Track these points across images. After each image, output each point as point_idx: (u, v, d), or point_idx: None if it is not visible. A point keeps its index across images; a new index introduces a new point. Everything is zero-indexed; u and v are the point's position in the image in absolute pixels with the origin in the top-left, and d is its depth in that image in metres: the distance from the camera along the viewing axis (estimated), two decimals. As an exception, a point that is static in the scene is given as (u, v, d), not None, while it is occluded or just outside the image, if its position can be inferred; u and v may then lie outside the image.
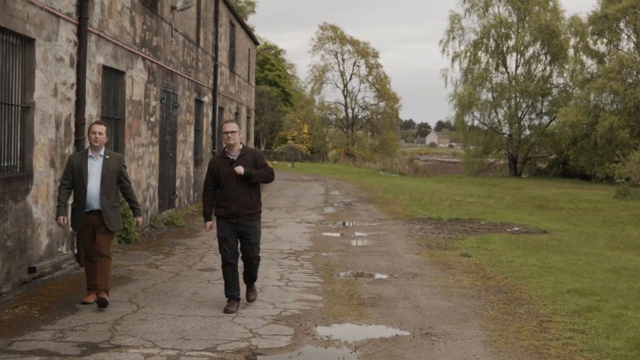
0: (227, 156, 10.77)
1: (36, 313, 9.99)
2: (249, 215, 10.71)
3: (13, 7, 10.90)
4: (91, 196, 10.41)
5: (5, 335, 8.83)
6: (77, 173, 10.42)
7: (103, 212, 10.42)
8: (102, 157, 10.55)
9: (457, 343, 9.08)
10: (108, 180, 10.51)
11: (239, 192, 10.61)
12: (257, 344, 8.85)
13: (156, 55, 19.74)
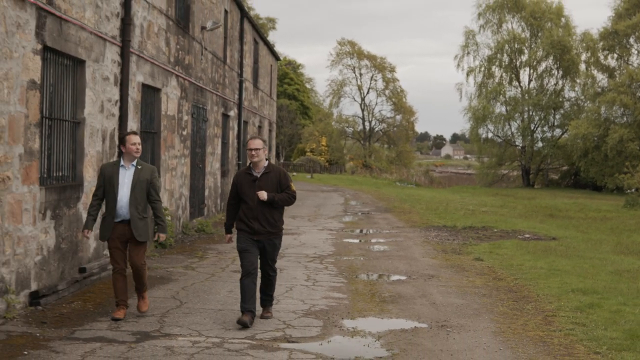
0: (252, 172, 10.47)
1: (90, 307, 10.92)
2: (270, 233, 10.41)
3: (67, 32, 11.86)
4: (121, 206, 10.18)
5: (67, 326, 9.77)
6: (108, 182, 10.24)
7: (132, 222, 10.19)
8: (134, 167, 10.37)
9: (470, 333, 9.94)
10: (138, 190, 10.26)
11: (261, 210, 10.31)
12: (290, 333, 9.74)
13: (188, 72, 20.71)
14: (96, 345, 8.85)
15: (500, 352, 9.03)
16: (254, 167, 10.48)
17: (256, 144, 10.40)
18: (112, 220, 10.24)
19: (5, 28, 9.75)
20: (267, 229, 10.36)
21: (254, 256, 10.33)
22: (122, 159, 10.41)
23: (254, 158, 10.37)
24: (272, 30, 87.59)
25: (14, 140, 10.07)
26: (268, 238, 10.41)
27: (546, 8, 66.75)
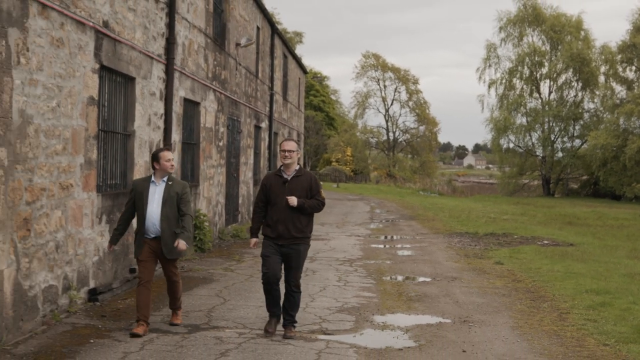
0: (282, 174, 10.08)
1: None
2: (296, 238, 9.96)
3: (121, 52, 12.73)
4: (151, 222, 9.88)
5: (124, 319, 10.62)
6: (138, 198, 9.97)
7: (162, 239, 9.85)
8: (164, 183, 10.04)
9: (490, 327, 10.69)
10: (169, 205, 9.91)
11: (288, 214, 9.89)
12: (326, 326, 10.53)
13: (224, 87, 21.58)
14: (153, 336, 9.69)
15: (517, 343, 9.78)
16: (285, 170, 10.08)
17: (290, 145, 10.05)
18: (142, 236, 9.93)
19: (69, 50, 10.62)
20: (292, 233, 9.90)
21: (275, 263, 9.93)
22: (154, 175, 10.08)
23: (287, 160, 9.98)
24: (299, 44, 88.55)
25: (76, 151, 10.93)
26: (292, 243, 9.94)
27: (566, 22, 67.23)
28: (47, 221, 10.06)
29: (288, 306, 10.00)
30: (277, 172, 10.21)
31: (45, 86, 9.87)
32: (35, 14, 9.52)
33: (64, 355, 8.65)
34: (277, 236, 9.95)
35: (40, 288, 9.93)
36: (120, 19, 12.72)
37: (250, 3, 25.68)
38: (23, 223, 9.35)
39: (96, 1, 11.58)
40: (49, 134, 10.02)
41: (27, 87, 9.35)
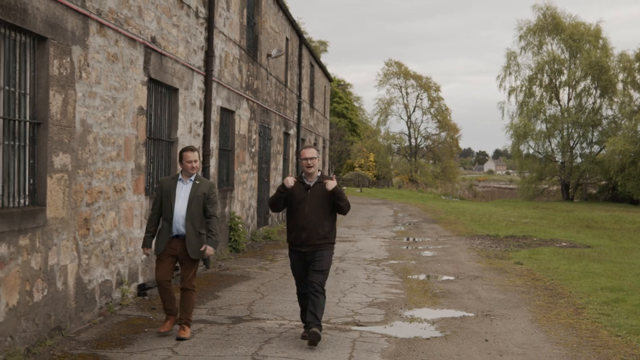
0: (304, 181, 9.88)
1: (189, 298, 12.48)
2: (319, 245, 9.70)
3: (165, 65, 13.49)
4: (177, 220, 9.70)
5: (173, 311, 11.36)
6: (165, 196, 9.79)
7: (187, 238, 9.67)
8: (192, 182, 9.86)
9: (510, 320, 11.33)
10: (195, 205, 9.72)
11: (311, 220, 9.66)
12: (359, 319, 11.21)
13: (256, 96, 22.32)
14: (201, 326, 10.42)
15: (535, 334, 10.42)
16: (306, 177, 9.88)
17: (311, 152, 9.86)
18: (168, 234, 9.75)
19: (123, 64, 11.37)
20: (315, 240, 9.67)
21: (304, 276, 9.88)
22: (181, 173, 9.92)
23: (310, 168, 9.81)
24: (324, 53, 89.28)
25: (127, 157, 11.69)
26: (316, 249, 9.70)
27: (584, 30, 67.49)
28: (103, 221, 10.81)
29: (312, 308, 9.58)
30: (298, 178, 9.98)
31: (102, 98, 10.62)
32: (94, 32, 10.28)
33: (123, 342, 9.39)
34: (300, 243, 9.72)
35: (98, 282, 10.68)
36: (166, 35, 13.48)
37: (280, 15, 26.43)
38: (83, 223, 10.11)
39: (145, 18, 12.34)
40: (105, 141, 10.77)
41: (87, 99, 10.11)
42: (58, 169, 9.29)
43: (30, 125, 8.85)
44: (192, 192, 9.77)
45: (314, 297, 9.58)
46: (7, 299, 8.12)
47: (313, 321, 9.50)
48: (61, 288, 9.49)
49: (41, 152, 8.98)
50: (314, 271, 9.67)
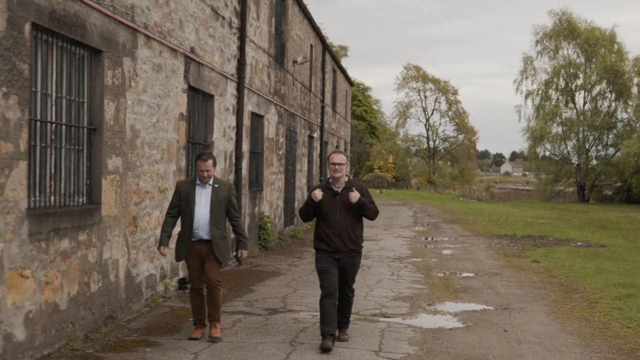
0: (332, 187, 9.65)
1: (226, 292, 13.11)
2: (352, 250, 9.59)
3: (203, 74, 14.15)
4: (199, 225, 9.50)
5: (212, 303, 12.02)
6: (184, 201, 9.59)
7: (213, 243, 9.50)
8: (210, 186, 9.65)
9: (528, 313, 11.91)
10: (217, 209, 9.57)
11: (342, 226, 9.49)
12: (386, 311, 11.82)
13: (283, 101, 22.98)
14: (240, 316, 11.07)
15: (551, 325, 11.01)
16: (334, 182, 9.66)
17: (339, 158, 9.63)
18: (188, 240, 9.57)
19: (166, 73, 12.04)
20: (348, 245, 9.52)
21: (334, 276, 9.51)
22: (198, 177, 9.69)
23: (337, 173, 9.57)
24: (344, 57, 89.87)
25: (170, 159, 12.35)
26: (349, 256, 9.58)
27: (600, 35, 67.71)
28: (148, 219, 11.48)
29: (342, 310, 9.68)
30: (326, 184, 9.76)
31: (149, 105, 11.29)
32: (142, 44, 10.95)
33: (170, 330, 10.06)
34: (334, 250, 9.50)
35: (144, 276, 11.34)
36: (203, 45, 14.15)
37: (305, 23, 27.08)
38: (132, 220, 10.78)
39: (185, 30, 13.00)
40: (150, 145, 11.44)
41: (136, 106, 10.78)
42: (111, 170, 9.97)
43: (87, 130, 9.52)
44: (213, 197, 9.56)
45: (345, 300, 9.78)
46: (68, 289, 8.79)
47: (343, 321, 9.77)
48: (113, 280, 10.16)
49: (97, 156, 9.66)
50: (346, 279, 9.69)
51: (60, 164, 8.90)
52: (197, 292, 9.70)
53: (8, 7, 7.28)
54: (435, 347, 9.52)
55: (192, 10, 13.35)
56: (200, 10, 13.85)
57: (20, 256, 7.66)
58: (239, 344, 9.36)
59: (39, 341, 8.13)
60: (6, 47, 7.27)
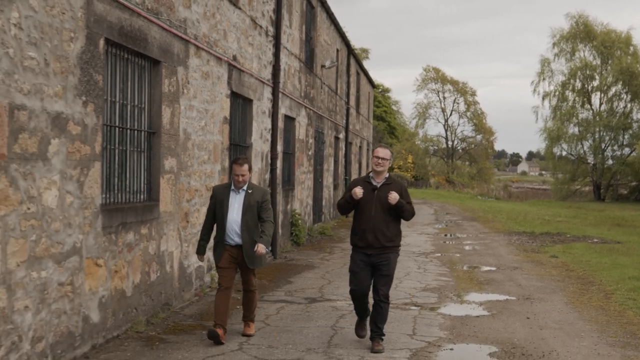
0: (371, 181, 9.34)
1: (266, 282, 13.89)
2: (386, 248, 9.19)
3: (243, 80, 14.92)
4: (231, 231, 9.32)
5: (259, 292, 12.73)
6: (219, 206, 9.42)
7: (243, 249, 9.30)
8: (244, 192, 9.42)
9: (548, 303, 12.61)
10: (249, 214, 9.32)
11: (377, 222, 9.14)
12: (416, 301, 12.55)
13: (312, 104, 23.73)
14: (282, 305, 11.84)
15: (570, 313, 11.70)
16: (374, 177, 9.35)
17: (384, 152, 9.32)
18: (223, 244, 9.40)
19: (212, 81, 12.81)
20: (381, 242, 9.15)
21: (363, 280, 9.29)
22: (233, 182, 9.52)
23: (379, 167, 9.25)
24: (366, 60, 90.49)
25: (215, 160, 13.12)
26: (382, 252, 9.18)
27: (616, 37, 67.98)
28: (197, 215, 12.24)
29: (376, 318, 9.20)
30: (365, 178, 9.49)
31: (198, 110, 12.07)
32: (192, 54, 11.72)
33: (221, 316, 10.83)
34: (366, 245, 9.17)
35: (194, 267, 12.12)
36: (243, 53, 14.91)
37: (332, 29, 27.84)
38: (184, 216, 11.56)
39: (228, 40, 13.77)
40: (199, 147, 12.22)
41: (188, 111, 11.56)
42: (167, 170, 10.75)
43: (147, 134, 10.30)
44: (246, 202, 9.34)
45: (379, 307, 9.17)
46: (133, 277, 9.59)
47: (376, 331, 9.20)
48: (169, 270, 10.95)
49: (155, 157, 10.44)
50: (381, 275, 9.20)
51: (125, 164, 9.69)
52: (223, 293, 9.37)
53: (87, 25, 8.07)
54: (464, 331, 10.24)
55: (234, 21, 14.12)
56: (241, 21, 14.62)
57: (96, 247, 8.46)
58: (285, 328, 10.12)
59: (109, 323, 8.93)
60: (85, 61, 8.06)
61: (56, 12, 7.42)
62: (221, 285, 9.40)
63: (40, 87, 7.14)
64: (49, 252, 7.42)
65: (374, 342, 9.10)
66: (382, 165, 9.25)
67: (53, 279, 7.52)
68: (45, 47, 7.23)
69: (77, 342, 8.10)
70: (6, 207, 6.64)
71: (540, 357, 8.88)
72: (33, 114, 7.04)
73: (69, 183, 7.78)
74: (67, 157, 7.72)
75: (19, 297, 6.89)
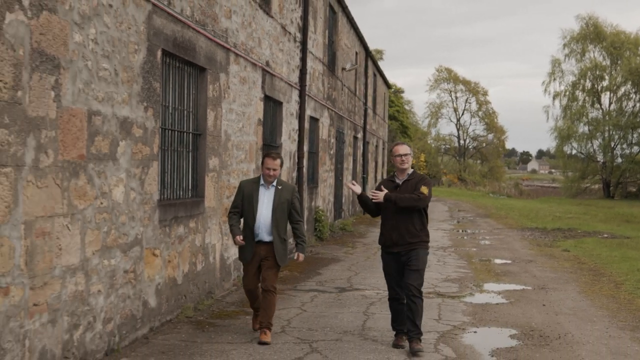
0: (394, 179, 9.16)
1: (297, 274, 14.63)
2: (412, 244, 8.91)
3: (274, 84, 15.66)
4: (261, 227, 9.06)
5: (290, 283, 13.52)
6: (247, 201, 9.16)
7: (274, 245, 9.05)
8: (274, 188, 9.18)
9: (561, 292, 13.30)
10: (279, 211, 9.09)
11: (400, 220, 8.89)
12: (439, 290, 13.26)
13: (334, 105, 24.46)
14: (314, 294, 12.57)
15: (582, 301, 12.39)
16: (398, 174, 9.12)
17: (404, 149, 9.04)
18: (252, 241, 9.12)
19: (248, 85, 13.56)
20: (407, 239, 8.89)
21: (396, 279, 9.14)
22: (262, 178, 9.30)
23: (404, 164, 8.97)
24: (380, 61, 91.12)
25: (251, 159, 13.87)
26: (409, 249, 8.92)
27: (625, 38, 68.36)
28: (235, 210, 12.99)
29: (411, 315, 8.80)
30: (390, 177, 9.36)
31: (236, 112, 12.81)
32: (232, 61, 12.47)
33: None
34: (392, 244, 8.98)
35: (232, 259, 12.87)
36: (275, 58, 15.65)
37: (351, 33, 28.58)
38: (224, 211, 12.29)
39: (262, 47, 14.51)
40: (238, 147, 12.96)
41: (228, 114, 12.31)
42: (211, 169, 11.50)
43: (194, 135, 11.05)
44: (276, 199, 9.11)
45: (412, 302, 8.82)
46: (182, 267, 10.34)
47: (414, 330, 8.79)
48: (212, 261, 11.70)
49: (201, 157, 11.19)
50: (410, 270, 8.91)
51: (176, 163, 10.44)
52: (251, 293, 9.39)
53: (148, 37, 8.83)
54: (486, 317, 10.96)
55: (267, 29, 14.86)
56: (273, 29, 15.36)
57: (153, 238, 9.21)
58: (321, 314, 10.86)
59: (164, 309, 9.69)
60: (146, 70, 8.81)
61: (124, 27, 8.18)
62: (247, 286, 9.34)
63: (111, 95, 7.90)
64: (117, 242, 8.18)
65: (413, 342, 8.75)
66: (406, 162, 8.96)
67: (120, 267, 8.29)
68: (115, 58, 7.99)
69: (138, 324, 8.87)
70: (85, 202, 7.41)
71: (557, 338, 9.59)
72: (105, 119, 7.80)
73: (132, 180, 8.55)
74: (131, 157, 8.48)
75: (93, 282, 7.66)
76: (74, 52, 7.10)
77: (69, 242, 7.10)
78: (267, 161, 9.19)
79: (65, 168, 7.00)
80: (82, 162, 7.32)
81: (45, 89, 6.58)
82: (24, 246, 6.30)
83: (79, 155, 7.25)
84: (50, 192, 6.71)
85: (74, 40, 7.08)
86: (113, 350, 8.16)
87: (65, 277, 7.05)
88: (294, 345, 8.93)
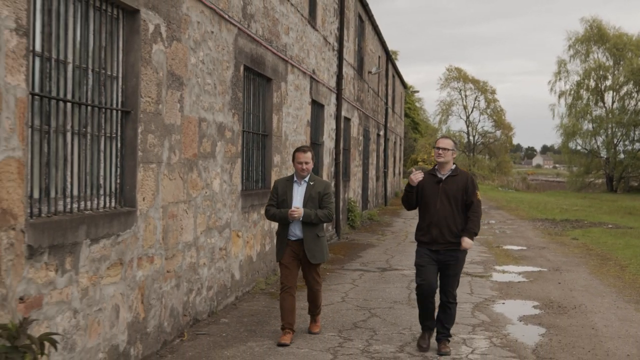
0: (436, 174, 8.43)
1: (341, 257, 16.11)
2: (452, 244, 8.22)
3: (319, 89, 17.13)
4: (294, 224, 8.65)
5: (337, 264, 15.00)
6: (281, 199, 8.72)
7: (305, 243, 8.62)
8: (306, 183, 8.75)
9: (574, 273, 14.75)
10: (310, 206, 8.62)
11: (442, 216, 8.22)
12: (466, 271, 14.66)
13: (362, 106, 25.92)
14: (361, 272, 14.07)
15: (592, 280, 13.84)
16: (439, 169, 8.43)
17: (445, 143, 8.43)
18: (285, 239, 8.73)
19: (300, 92, 15.04)
20: (447, 238, 8.22)
21: (430, 273, 8.32)
22: (295, 175, 8.84)
23: (440, 158, 8.31)
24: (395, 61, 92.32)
25: (302, 156, 15.33)
26: (449, 249, 8.25)
27: (627, 40, 69.33)
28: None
29: (443, 319, 8.42)
30: (431, 171, 8.56)
31: (292, 116, 14.29)
32: (289, 71, 13.95)
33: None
34: (430, 241, 8.30)
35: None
36: (319, 67, 17.13)
37: (375, 39, 30.02)
38: (283, 201, 13.78)
39: (310, 57, 15.99)
40: (293, 146, 14.43)
41: (286, 117, 13.79)
42: (275, 165, 13.00)
43: (262, 136, 12.54)
44: (307, 194, 8.67)
45: (447, 307, 8.40)
46: (256, 247, 11.85)
47: (443, 332, 8.44)
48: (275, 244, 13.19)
49: (267, 154, 12.69)
50: (448, 276, 8.38)
51: (250, 159, 11.93)
52: (287, 293, 8.71)
53: (235, 56, 10.33)
54: (510, 291, 12.43)
55: (313, 41, 16.34)
56: (317, 40, 16.83)
57: (238, 222, 10.72)
58: (371, 288, 12.34)
59: (244, 281, 11.20)
60: (234, 83, 10.31)
61: (220, 48, 9.68)
62: (284, 285, 8.71)
63: (212, 105, 9.40)
64: (215, 224, 9.69)
65: (441, 344, 8.36)
66: (442, 155, 8.30)
67: (217, 245, 9.80)
68: (215, 75, 9.49)
69: (228, 292, 10.38)
70: (196, 191, 8.91)
71: (573, 308, 11.05)
72: (209, 125, 9.30)
73: (225, 174, 10.05)
74: (224, 155, 9.98)
75: (201, 256, 9.17)
76: (191, 72, 8.60)
77: (187, 223, 8.61)
78: (298, 155, 8.71)
79: (185, 164, 8.50)
80: (195, 159, 8.82)
81: (174, 102, 8.09)
82: (162, 225, 7.81)
83: (193, 154, 8.75)
84: (176, 183, 8.23)
85: (190, 62, 8.59)
86: (213, 312, 9.69)
87: (184, 251, 8.57)
88: (356, 311, 10.43)
